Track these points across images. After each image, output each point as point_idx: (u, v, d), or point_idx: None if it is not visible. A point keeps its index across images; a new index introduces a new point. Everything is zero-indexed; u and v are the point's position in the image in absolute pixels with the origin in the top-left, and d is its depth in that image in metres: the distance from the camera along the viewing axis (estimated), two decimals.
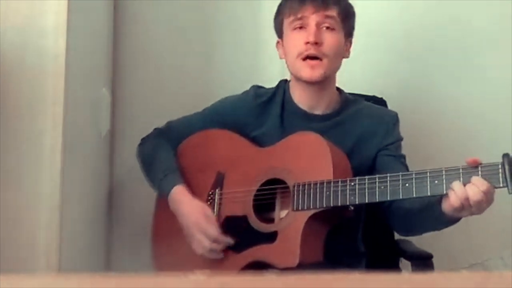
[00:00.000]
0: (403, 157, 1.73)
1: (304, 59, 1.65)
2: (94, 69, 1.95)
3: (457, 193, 1.38)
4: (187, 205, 1.68)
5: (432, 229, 1.62)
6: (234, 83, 2.13)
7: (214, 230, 1.64)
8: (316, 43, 1.63)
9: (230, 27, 2.24)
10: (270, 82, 1.87)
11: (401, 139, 1.75)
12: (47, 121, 1.55)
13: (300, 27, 1.67)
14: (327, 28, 1.66)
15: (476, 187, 1.37)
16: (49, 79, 1.56)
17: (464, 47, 2.18)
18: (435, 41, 2.19)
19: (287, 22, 1.70)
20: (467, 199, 1.37)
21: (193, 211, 1.67)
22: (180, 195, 1.69)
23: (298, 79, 1.71)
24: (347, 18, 1.70)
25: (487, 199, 1.38)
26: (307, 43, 1.64)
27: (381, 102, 1.95)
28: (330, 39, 1.66)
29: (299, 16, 1.66)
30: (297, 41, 1.67)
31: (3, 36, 1.53)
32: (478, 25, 2.16)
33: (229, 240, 1.64)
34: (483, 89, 2.16)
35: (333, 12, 1.66)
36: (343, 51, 1.71)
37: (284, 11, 1.71)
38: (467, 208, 1.39)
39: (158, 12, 2.20)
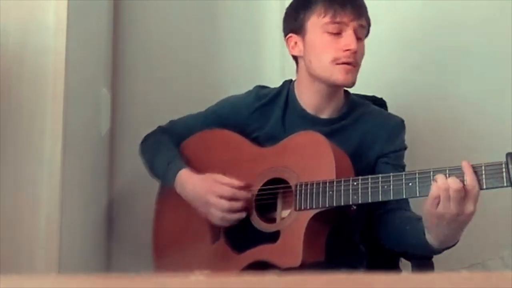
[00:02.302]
0: (403, 167, 1.70)
1: (340, 63, 1.63)
2: (94, 69, 1.95)
3: (438, 182, 1.37)
4: (195, 180, 1.67)
5: (414, 251, 1.61)
6: (235, 82, 2.13)
7: (228, 189, 1.62)
8: (355, 52, 1.63)
9: (231, 27, 2.24)
10: (270, 82, 1.87)
11: (404, 148, 1.73)
12: (47, 121, 1.55)
13: (338, 32, 1.63)
14: (357, 37, 1.64)
15: (456, 178, 1.36)
16: (49, 79, 1.56)
17: (464, 46, 2.18)
18: (435, 41, 2.19)
19: (319, 22, 1.65)
20: (447, 189, 1.35)
21: (201, 181, 1.65)
22: (186, 176, 1.68)
23: (325, 82, 1.67)
24: (369, 30, 1.71)
25: (468, 198, 1.35)
26: (347, 50, 1.62)
27: (381, 102, 1.95)
28: (360, 48, 1.66)
29: (337, 20, 1.63)
30: (333, 46, 1.63)
31: (3, 35, 1.53)
32: (478, 24, 2.16)
33: (247, 194, 1.62)
34: (485, 89, 2.16)
35: (364, 22, 1.67)
36: None
37: (316, 9, 1.65)
38: (445, 201, 1.36)
39: (158, 12, 2.20)
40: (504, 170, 1.34)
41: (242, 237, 1.63)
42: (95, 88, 1.96)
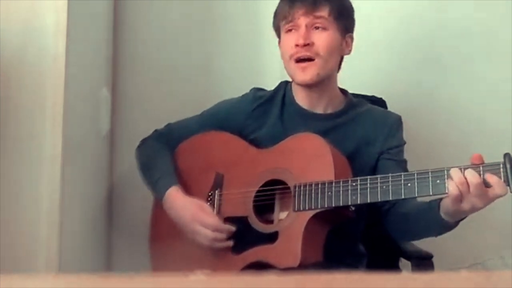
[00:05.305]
0: (405, 162, 1.71)
1: (296, 61, 1.66)
2: (94, 69, 1.95)
3: (455, 179, 1.38)
4: (181, 203, 1.68)
5: (430, 233, 1.60)
6: (234, 83, 2.13)
7: (212, 219, 1.64)
8: (307, 45, 1.64)
9: (230, 27, 2.24)
10: (270, 83, 1.87)
11: (403, 143, 1.74)
12: (47, 121, 1.55)
13: (292, 30, 1.68)
14: (318, 28, 1.66)
15: (474, 171, 1.37)
16: (49, 79, 1.56)
17: (464, 47, 2.18)
18: (435, 42, 2.19)
19: (281, 26, 1.72)
20: (465, 183, 1.36)
21: (187, 207, 1.67)
22: (173, 196, 1.69)
23: (294, 81, 1.72)
24: (342, 15, 1.70)
25: (486, 190, 1.37)
26: (297, 45, 1.65)
27: (381, 102, 1.95)
28: (321, 39, 1.65)
29: (290, 18, 1.67)
30: (289, 43, 1.68)
31: (3, 36, 1.53)
32: (478, 25, 2.16)
33: (231, 227, 1.63)
34: (484, 90, 2.16)
35: (323, 12, 1.66)
36: (341, 49, 1.71)
37: (279, 15, 1.73)
38: (466, 196, 1.37)
39: (158, 12, 2.20)
40: (502, 170, 1.36)
41: (240, 238, 1.63)
42: (95, 88, 1.96)
